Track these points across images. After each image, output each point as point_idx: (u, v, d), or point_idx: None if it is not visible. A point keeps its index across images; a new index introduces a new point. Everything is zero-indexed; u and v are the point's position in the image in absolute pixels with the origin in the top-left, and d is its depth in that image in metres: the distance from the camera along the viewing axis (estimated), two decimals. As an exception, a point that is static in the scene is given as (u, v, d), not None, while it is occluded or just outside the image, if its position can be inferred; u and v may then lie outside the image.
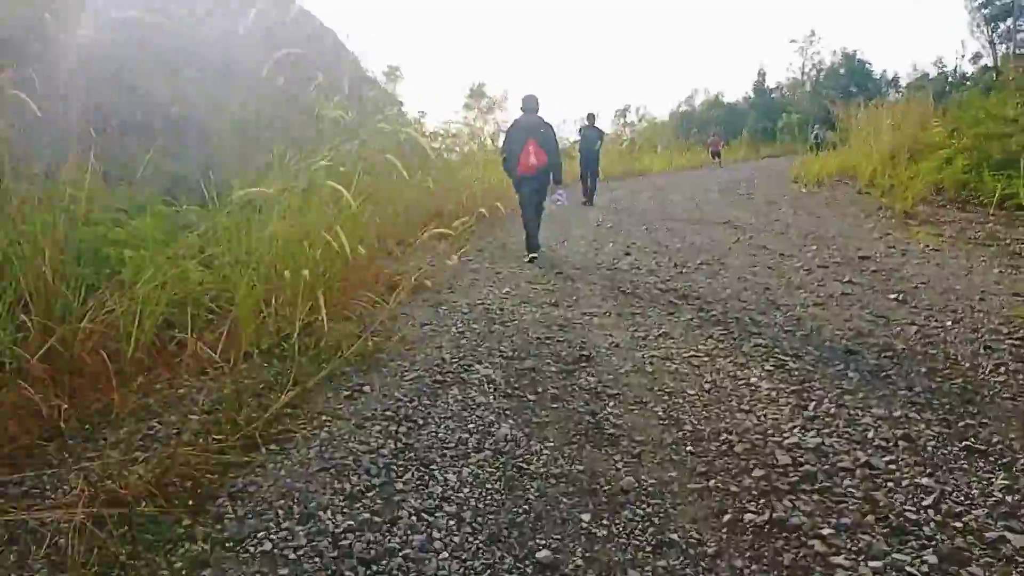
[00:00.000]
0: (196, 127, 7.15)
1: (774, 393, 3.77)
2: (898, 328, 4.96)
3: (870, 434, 3.24)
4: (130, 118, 6.38)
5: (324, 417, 3.36)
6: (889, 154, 18.66)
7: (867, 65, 40.94)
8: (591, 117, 15.50)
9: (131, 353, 3.48)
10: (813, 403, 3.63)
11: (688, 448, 3.17)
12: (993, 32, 38.78)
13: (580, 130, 15.96)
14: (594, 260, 7.94)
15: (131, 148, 5.44)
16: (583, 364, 4.31)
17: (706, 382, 3.97)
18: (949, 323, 5.02)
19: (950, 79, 40.48)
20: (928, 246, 8.47)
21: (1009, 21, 37.76)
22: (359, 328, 4.58)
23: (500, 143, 10.38)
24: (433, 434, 3.27)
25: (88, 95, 5.77)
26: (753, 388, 3.86)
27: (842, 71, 40.45)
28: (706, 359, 4.36)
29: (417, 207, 10.00)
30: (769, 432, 3.29)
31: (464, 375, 4.06)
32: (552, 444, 3.20)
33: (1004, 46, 38.69)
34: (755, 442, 3.19)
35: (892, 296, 5.88)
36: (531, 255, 8.14)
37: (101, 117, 5.73)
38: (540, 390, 3.88)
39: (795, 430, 3.30)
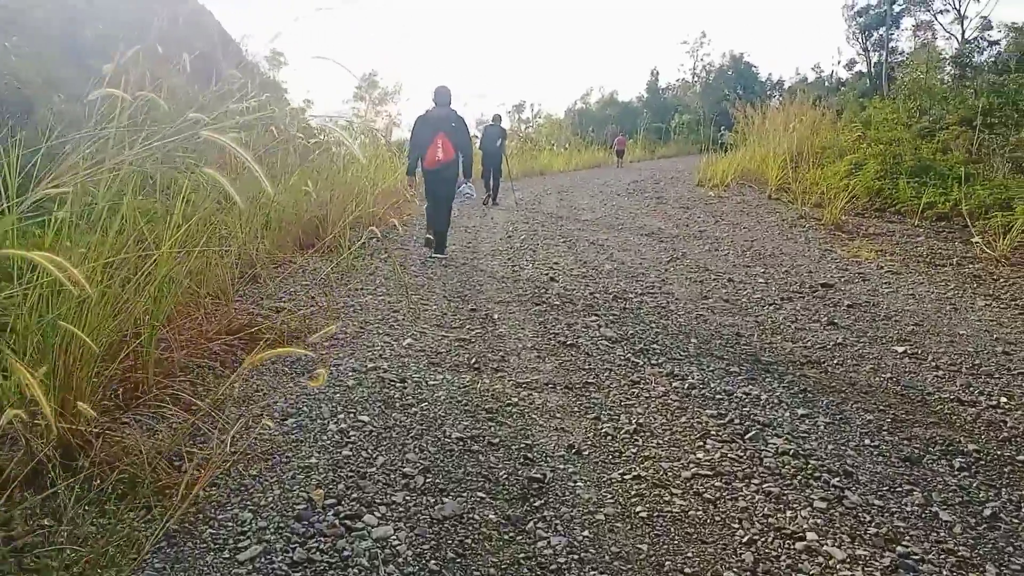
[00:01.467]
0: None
1: None
2: (958, 414, 3.64)
3: None
4: None
5: None
6: (789, 157, 18.18)
7: (753, 68, 41.57)
8: (497, 117, 14.97)
9: None
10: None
11: None
12: (867, 40, 39.99)
13: (483, 128, 15.45)
14: (514, 289, 6.34)
15: None
16: (535, 497, 2.69)
17: (739, 543, 2.44)
18: (1005, 400, 3.74)
19: (827, 84, 41.55)
20: (882, 267, 7.41)
21: (882, 30, 39.00)
22: (170, 442, 2.77)
23: (395, 137, 8.74)
24: None
25: None
26: (826, 559, 2.36)
27: (730, 73, 40.83)
28: (720, 487, 2.83)
29: (293, 219, 8.12)
30: None
31: (345, 544, 2.35)
32: None
33: (877, 54, 40.01)
34: None
35: (900, 349, 4.60)
36: (435, 254, 7.73)
37: None
38: (477, 571, 2.25)
39: None
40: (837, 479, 2.85)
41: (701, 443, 3.18)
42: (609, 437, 3.25)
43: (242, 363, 2.29)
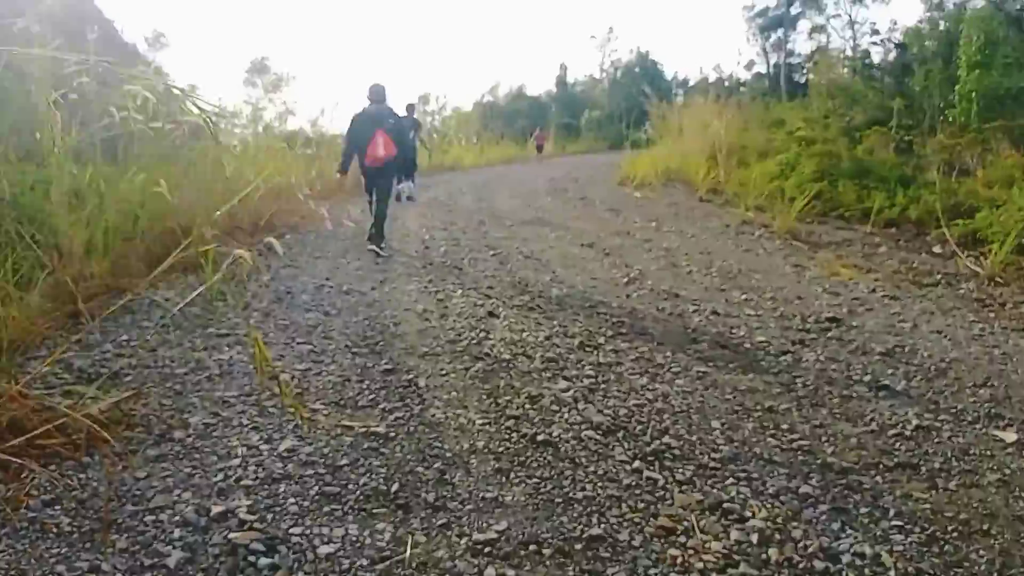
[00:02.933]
0: None
1: None
2: None
3: None
4: None
5: None
6: (710, 155, 17.23)
7: (659, 66, 41.09)
8: (410, 108, 13.82)
9: None
10: None
11: None
12: (766, 41, 40.20)
13: None
14: (443, 331, 4.63)
15: None
16: None
17: None
18: None
19: (727, 84, 41.56)
20: (874, 290, 6.16)
21: (780, 32, 39.28)
22: None
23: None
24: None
25: None
26: None
27: (637, 70, 40.16)
28: None
29: (147, 228, 6.13)
30: None
31: None
32: None
33: (776, 55, 40.30)
34: None
35: (1007, 437, 3.20)
36: (371, 246, 7.29)
37: None
38: None
39: None
40: None
41: None
42: None
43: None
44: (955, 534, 2.40)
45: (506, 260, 7.13)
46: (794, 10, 38.70)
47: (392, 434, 3.04)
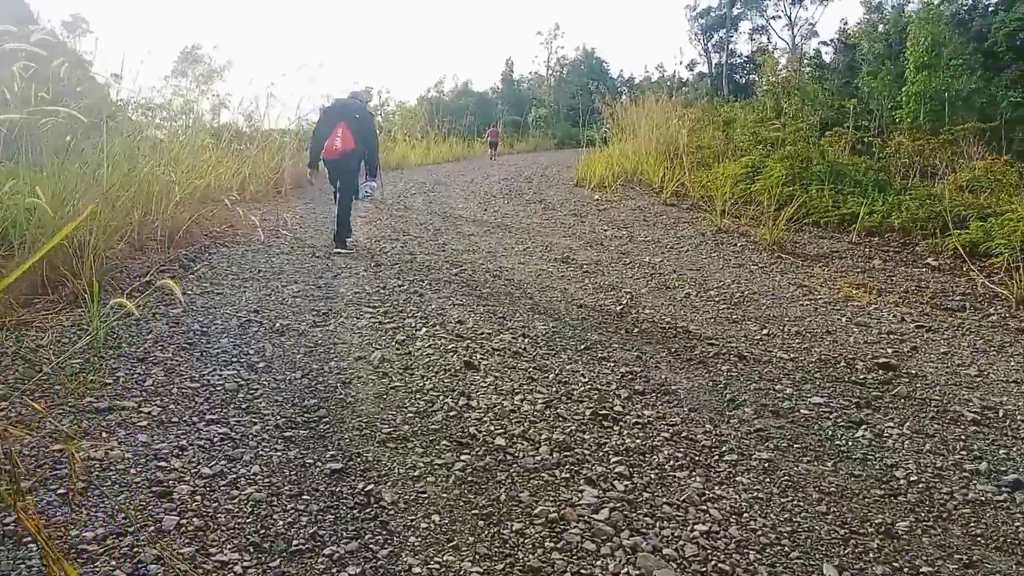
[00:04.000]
0: None
1: None
2: None
3: None
4: None
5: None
6: (665, 155, 16.41)
7: (604, 64, 40.23)
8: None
9: None
10: None
11: None
12: (708, 41, 39.92)
13: None
14: (408, 401, 3.44)
15: None
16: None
17: None
18: None
19: (669, 83, 41.16)
20: (903, 319, 5.23)
21: (722, 32, 39.03)
22: None
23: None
24: None
25: None
26: None
27: (583, 67, 39.25)
28: None
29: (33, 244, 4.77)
30: None
31: None
32: None
33: (717, 55, 40.07)
34: None
35: None
36: (337, 248, 7.07)
37: None
38: None
39: None
40: None
41: None
42: None
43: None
44: None
45: (472, 281, 5.95)
46: (736, 10, 38.48)
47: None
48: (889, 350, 4.46)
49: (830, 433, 3.19)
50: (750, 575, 2.12)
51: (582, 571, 2.10)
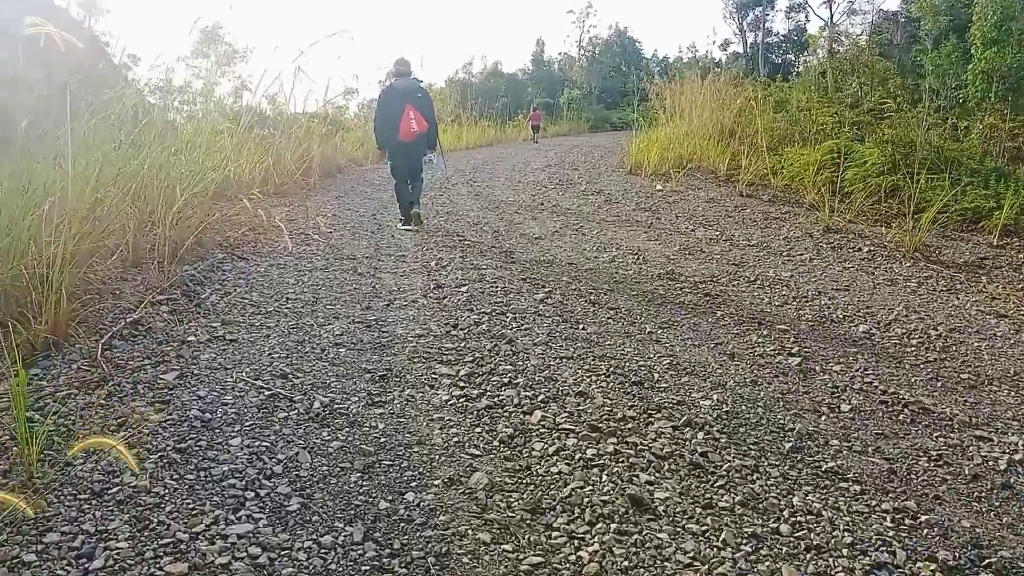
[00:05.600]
0: None
1: None
2: None
3: None
4: None
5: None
6: (719, 138, 14.68)
7: (637, 43, 38.08)
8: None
9: None
10: None
11: None
12: (743, 20, 37.71)
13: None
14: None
15: None
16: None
17: None
18: None
19: (701, 64, 38.99)
20: None
21: (758, 10, 36.80)
22: None
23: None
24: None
25: None
26: None
27: (616, 47, 37.11)
28: None
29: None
30: None
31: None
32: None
33: (753, 34, 37.88)
34: None
35: None
36: (407, 225, 6.91)
37: None
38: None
39: None
40: None
41: None
42: None
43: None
44: None
45: (566, 312, 4.34)
46: (773, -13, 36.27)
47: None
48: None
49: None
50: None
51: None
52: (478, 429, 2.75)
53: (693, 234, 7.42)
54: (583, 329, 4.03)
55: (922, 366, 3.72)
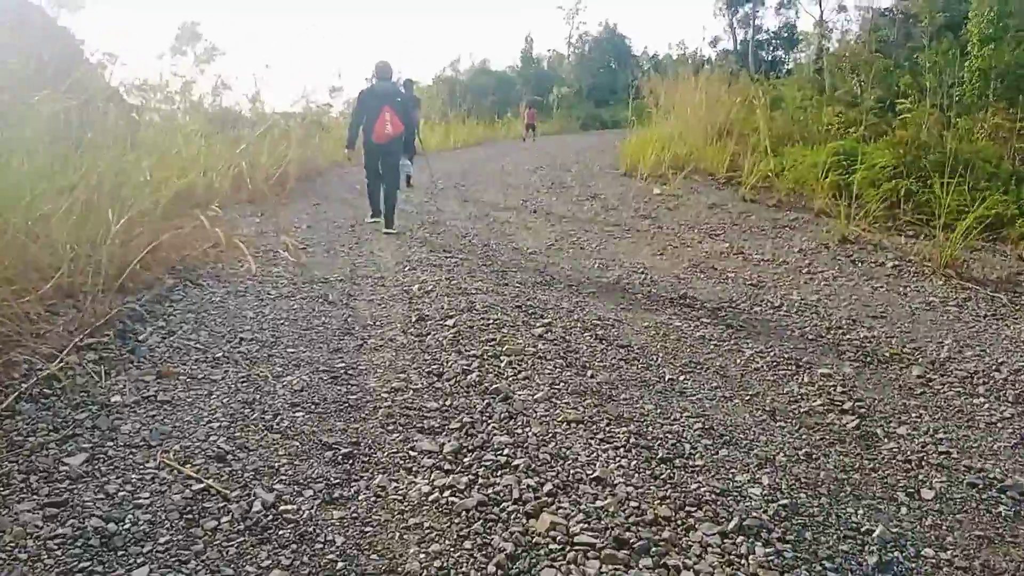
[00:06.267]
0: None
1: None
2: None
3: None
4: None
5: None
6: (718, 138, 14.06)
7: (627, 40, 37.28)
8: (408, 84, 11.22)
9: None
10: None
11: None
12: (733, 16, 37.11)
13: None
14: None
15: None
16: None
17: None
18: None
19: (690, 61, 38.40)
20: None
21: (748, 6, 36.23)
22: None
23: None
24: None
25: None
26: None
27: (606, 44, 36.31)
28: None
29: None
30: None
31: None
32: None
33: (743, 31, 37.32)
34: None
35: None
36: (375, 218, 7.11)
37: None
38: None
39: None
40: None
41: None
42: None
43: None
44: None
45: (570, 355, 3.65)
46: (763, -16, 35.69)
47: None
48: None
49: None
50: None
51: None
52: (467, 544, 2.06)
53: (700, 247, 6.77)
54: (592, 377, 3.35)
55: (1000, 425, 3.07)
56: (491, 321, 4.13)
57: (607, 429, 2.81)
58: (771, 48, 36.79)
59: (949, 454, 2.77)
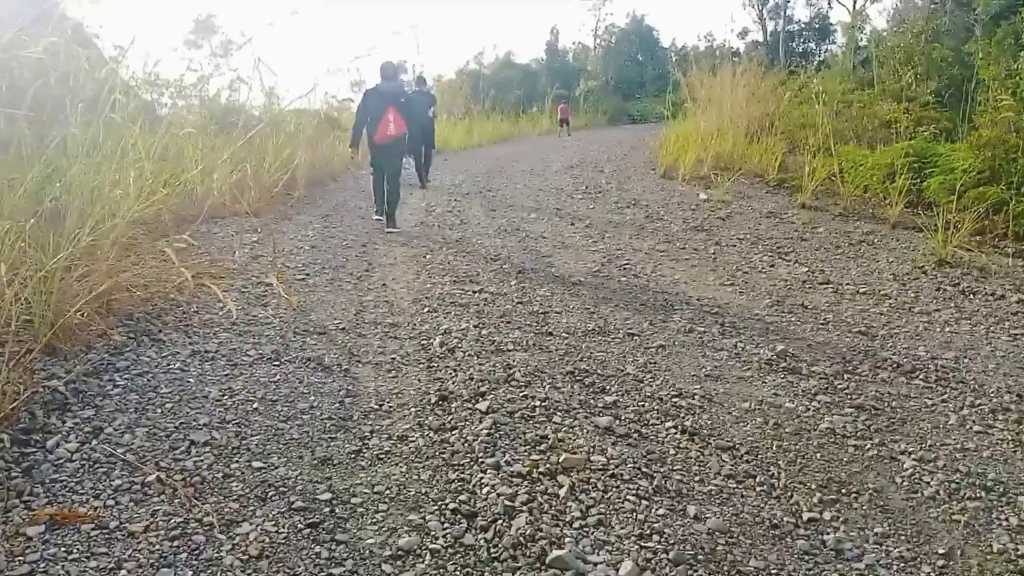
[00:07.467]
0: None
1: None
2: None
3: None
4: None
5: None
6: (759, 134, 12.78)
7: (655, 32, 35.66)
8: (421, 80, 11.43)
9: None
10: None
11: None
12: (763, 7, 35.40)
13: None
14: None
15: None
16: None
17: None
18: None
19: (718, 53, 36.76)
20: None
21: (780, -3, 34.52)
22: None
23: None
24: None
25: None
26: None
27: (632, 36, 34.73)
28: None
29: None
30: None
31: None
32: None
33: (773, 22, 35.63)
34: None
35: None
36: (380, 216, 7.00)
37: None
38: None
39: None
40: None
41: None
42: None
43: None
44: None
45: (669, 479, 2.51)
46: (794, -27, 33.84)
47: None
48: None
49: None
50: None
51: None
52: None
53: (774, 271, 5.58)
54: (697, 520, 2.20)
55: None
56: (537, 401, 2.98)
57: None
58: (802, 40, 35.08)
59: None
